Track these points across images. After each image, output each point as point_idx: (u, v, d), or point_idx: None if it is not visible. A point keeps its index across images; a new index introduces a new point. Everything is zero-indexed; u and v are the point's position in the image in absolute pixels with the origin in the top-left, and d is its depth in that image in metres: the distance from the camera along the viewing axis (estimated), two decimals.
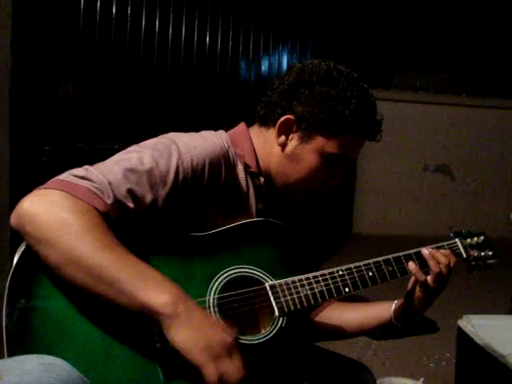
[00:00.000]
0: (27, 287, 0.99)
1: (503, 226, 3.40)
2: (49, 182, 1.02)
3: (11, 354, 0.95)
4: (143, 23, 3.41)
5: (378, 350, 2.86)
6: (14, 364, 0.90)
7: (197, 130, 1.29)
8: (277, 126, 1.24)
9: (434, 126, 5.86)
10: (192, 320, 0.98)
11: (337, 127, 1.20)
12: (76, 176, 1.03)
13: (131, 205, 1.05)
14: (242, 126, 1.33)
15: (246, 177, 1.25)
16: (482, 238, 1.42)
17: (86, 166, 1.07)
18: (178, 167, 1.10)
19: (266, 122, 1.28)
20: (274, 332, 1.14)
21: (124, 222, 1.05)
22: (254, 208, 1.27)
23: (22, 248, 1.01)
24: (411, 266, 1.27)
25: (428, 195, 5.89)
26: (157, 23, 3.47)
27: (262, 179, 1.28)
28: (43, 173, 2.90)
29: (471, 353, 2.06)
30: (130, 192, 1.05)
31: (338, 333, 1.42)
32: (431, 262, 1.26)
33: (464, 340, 2.11)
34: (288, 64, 4.27)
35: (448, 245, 1.37)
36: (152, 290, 0.97)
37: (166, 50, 3.52)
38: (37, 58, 2.97)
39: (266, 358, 1.13)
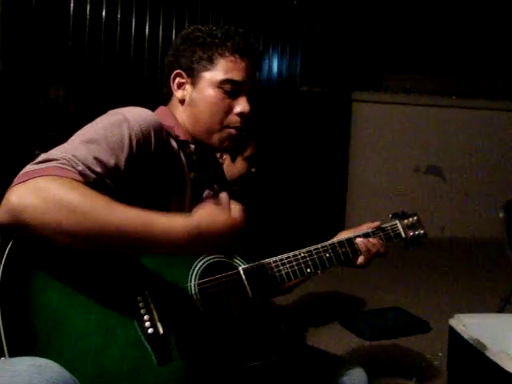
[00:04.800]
0: (20, 285, 1.00)
1: (494, 226, 3.42)
2: (18, 177, 1.03)
3: (12, 353, 0.96)
4: (133, 27, 3.42)
5: (371, 351, 2.87)
6: (6, 366, 0.91)
7: None
8: (171, 85, 1.38)
9: (424, 127, 5.88)
10: (208, 237, 1.05)
11: (212, 56, 1.33)
12: (39, 162, 1.05)
13: (99, 169, 1.09)
14: (161, 107, 1.44)
15: (178, 148, 1.33)
16: (415, 218, 1.63)
17: (45, 153, 1.10)
18: (130, 133, 1.17)
19: (169, 94, 1.41)
20: (247, 312, 1.25)
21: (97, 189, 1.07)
22: (187, 178, 1.34)
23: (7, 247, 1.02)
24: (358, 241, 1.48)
25: (419, 196, 5.91)
26: (147, 27, 3.48)
27: (193, 146, 1.37)
28: None
29: (463, 351, 2.07)
30: (96, 159, 1.09)
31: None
32: (364, 250, 1.48)
33: (455, 339, 2.12)
34: (278, 66, 4.29)
35: (390, 226, 1.58)
36: (165, 241, 1.02)
37: (156, 53, 3.53)
38: (26, 63, 2.96)
39: (243, 335, 1.22)
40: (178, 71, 1.37)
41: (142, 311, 1.10)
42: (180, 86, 1.38)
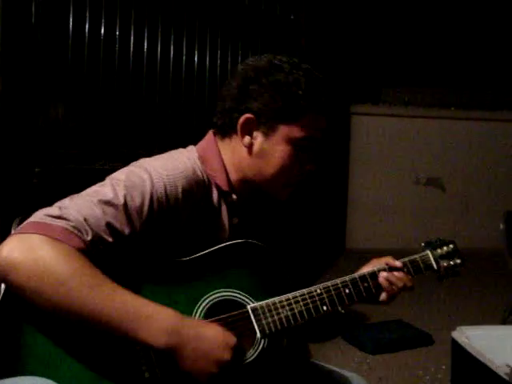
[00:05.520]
0: (12, 325, 0.99)
1: (494, 237, 3.42)
2: (25, 224, 1.01)
3: None
4: (132, 44, 3.44)
5: (374, 365, 2.85)
6: None
7: None
8: (238, 128, 1.23)
9: (423, 139, 5.91)
10: (189, 350, 1.02)
11: (295, 110, 1.20)
12: (51, 216, 1.01)
13: (110, 239, 1.05)
14: (210, 137, 1.30)
15: (219, 196, 1.25)
16: (451, 246, 1.46)
17: (60, 204, 1.06)
18: (152, 197, 1.10)
19: (227, 130, 1.26)
20: (257, 354, 1.16)
21: (104, 255, 1.04)
22: (227, 225, 1.26)
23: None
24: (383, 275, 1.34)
25: (420, 208, 5.91)
26: (145, 44, 3.50)
27: (235, 196, 1.27)
28: (34, 194, 2.89)
29: (466, 364, 2.05)
30: (109, 226, 1.05)
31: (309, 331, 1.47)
32: (388, 285, 1.34)
33: (458, 351, 2.10)
34: None
35: (420, 257, 1.42)
36: (146, 331, 0.99)
37: (154, 70, 3.54)
38: (26, 80, 2.97)
39: (251, 379, 1.14)
40: (249, 116, 1.21)
41: (140, 353, 1.05)
42: (248, 131, 1.23)
